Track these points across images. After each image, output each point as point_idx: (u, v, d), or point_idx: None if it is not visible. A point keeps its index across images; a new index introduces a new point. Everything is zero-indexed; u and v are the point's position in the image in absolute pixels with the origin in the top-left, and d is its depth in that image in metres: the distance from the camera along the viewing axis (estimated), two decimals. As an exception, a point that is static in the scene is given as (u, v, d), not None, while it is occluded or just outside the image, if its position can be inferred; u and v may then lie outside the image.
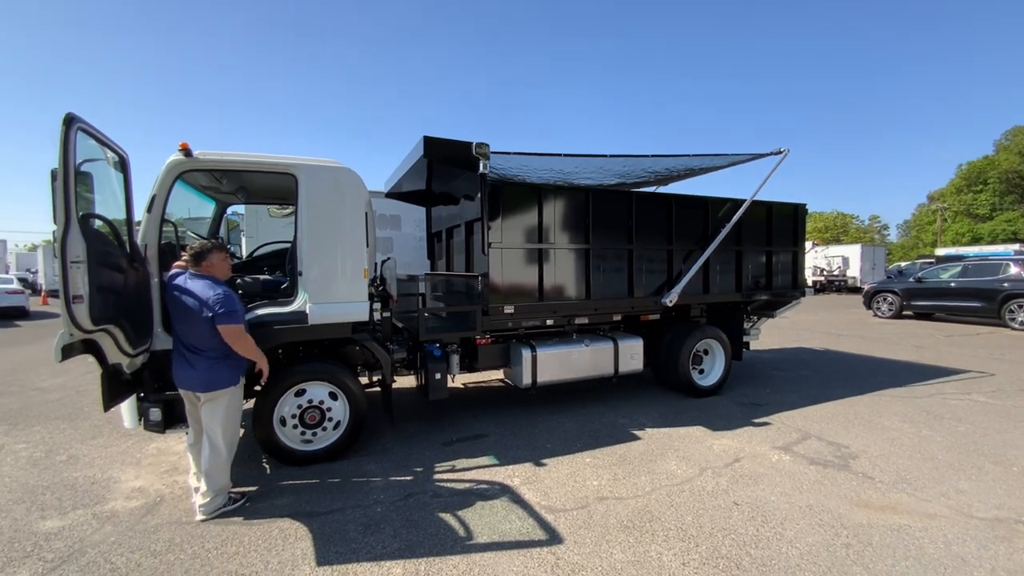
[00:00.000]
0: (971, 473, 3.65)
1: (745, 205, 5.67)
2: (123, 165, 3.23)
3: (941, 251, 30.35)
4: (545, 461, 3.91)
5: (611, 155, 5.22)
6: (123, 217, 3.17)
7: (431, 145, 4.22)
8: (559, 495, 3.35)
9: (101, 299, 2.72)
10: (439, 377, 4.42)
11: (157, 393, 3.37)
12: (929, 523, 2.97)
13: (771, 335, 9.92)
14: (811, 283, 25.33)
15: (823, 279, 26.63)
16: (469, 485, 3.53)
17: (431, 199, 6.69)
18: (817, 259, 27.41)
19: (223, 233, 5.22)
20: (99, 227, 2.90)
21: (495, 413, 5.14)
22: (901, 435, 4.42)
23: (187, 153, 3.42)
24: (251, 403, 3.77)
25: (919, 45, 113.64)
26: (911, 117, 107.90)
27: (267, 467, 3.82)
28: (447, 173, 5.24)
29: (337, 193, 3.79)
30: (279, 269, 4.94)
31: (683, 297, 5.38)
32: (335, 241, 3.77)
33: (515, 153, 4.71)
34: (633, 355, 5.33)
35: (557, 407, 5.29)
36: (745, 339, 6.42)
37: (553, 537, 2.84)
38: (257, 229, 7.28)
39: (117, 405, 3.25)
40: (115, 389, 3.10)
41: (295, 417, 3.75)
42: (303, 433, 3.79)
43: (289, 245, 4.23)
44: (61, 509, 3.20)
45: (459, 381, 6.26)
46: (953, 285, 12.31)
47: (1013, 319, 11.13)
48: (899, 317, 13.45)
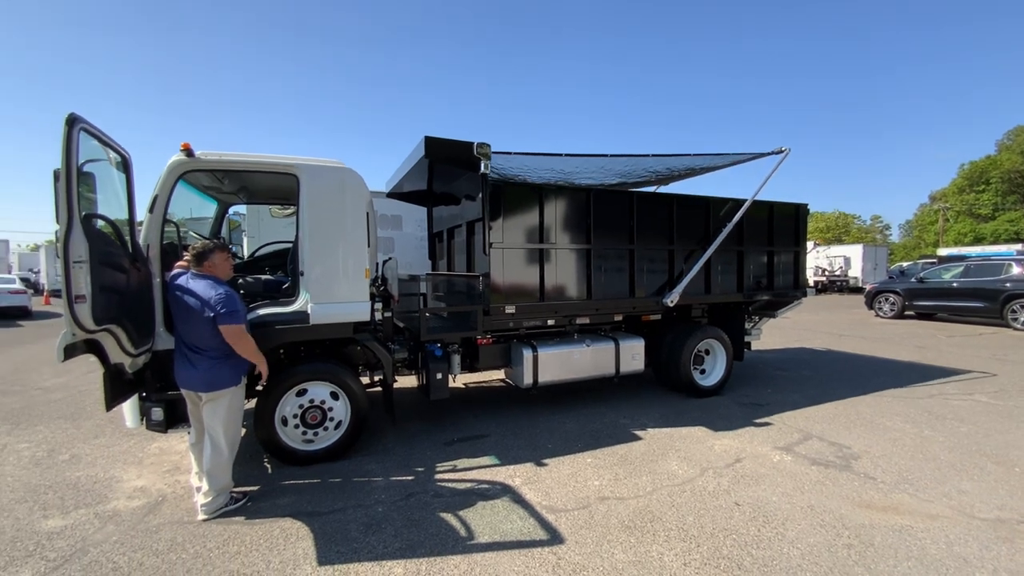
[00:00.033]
0: (973, 474, 3.64)
1: (746, 205, 5.66)
2: (125, 165, 3.24)
3: (943, 251, 30.28)
4: (546, 461, 3.91)
5: (612, 155, 5.23)
6: (125, 217, 3.18)
7: (432, 145, 4.22)
8: (560, 495, 3.35)
9: (103, 299, 2.73)
10: (440, 377, 4.43)
11: (159, 393, 3.39)
12: (931, 524, 2.96)
13: (772, 335, 9.91)
14: (812, 283, 25.29)
15: (825, 279, 26.58)
16: (470, 485, 3.53)
17: (432, 199, 6.69)
18: (819, 259, 27.37)
19: (225, 233, 5.23)
20: (101, 227, 2.91)
21: (496, 413, 5.14)
22: (903, 435, 4.42)
23: (189, 153, 3.43)
24: (252, 403, 3.77)
25: (919, 45, 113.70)
26: (911, 117, 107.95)
27: (269, 467, 3.83)
28: (448, 173, 5.24)
29: (339, 193, 3.79)
30: (281, 269, 4.96)
31: (684, 297, 5.38)
32: (337, 241, 3.77)
33: (516, 153, 4.72)
34: (634, 355, 5.33)
35: (558, 407, 5.29)
36: (746, 339, 6.40)
37: (554, 537, 2.84)
38: (259, 229, 7.30)
39: (119, 405, 3.25)
40: (117, 389, 3.10)
41: (296, 417, 3.76)
42: (304, 433, 3.80)
43: (291, 245, 4.24)
44: (63, 508, 3.20)
45: (460, 381, 6.26)
46: (955, 285, 12.28)
47: (1015, 319, 11.10)
48: (901, 317, 13.42)
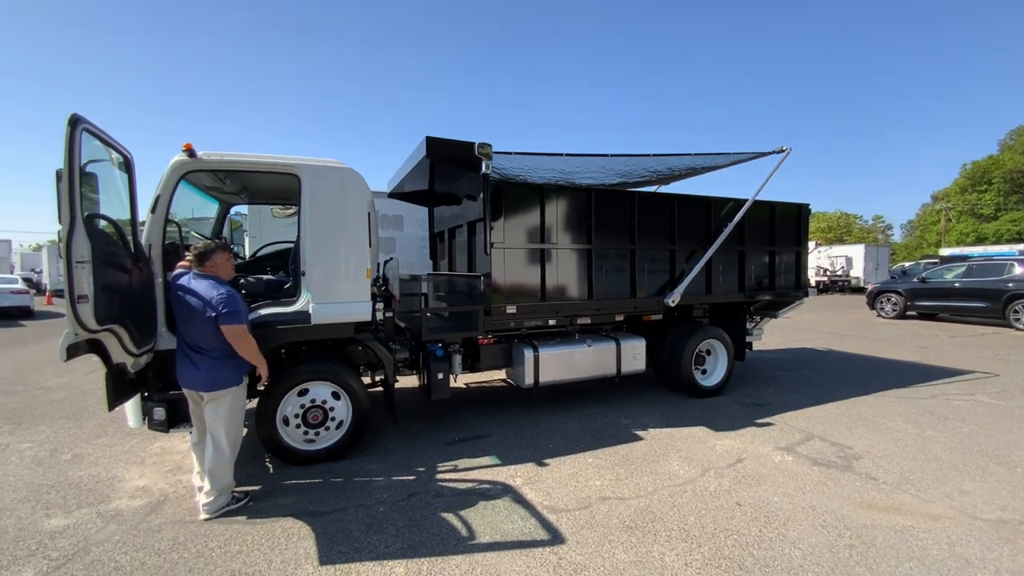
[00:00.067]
0: (975, 474, 3.64)
1: (747, 204, 5.65)
2: (127, 166, 3.25)
3: (945, 251, 30.21)
4: (547, 461, 3.91)
5: (613, 155, 5.22)
6: (127, 217, 3.19)
7: (433, 145, 4.22)
8: (561, 495, 3.35)
9: (106, 299, 2.73)
10: (441, 377, 4.43)
11: (161, 392, 3.39)
12: (933, 524, 2.96)
13: (774, 335, 9.89)
14: (814, 283, 25.24)
15: (826, 279, 26.52)
16: (471, 485, 3.53)
17: (434, 199, 6.69)
18: (820, 259, 27.31)
19: (226, 233, 5.25)
20: (104, 227, 2.92)
21: (497, 413, 5.14)
22: (905, 436, 4.41)
23: (191, 154, 3.44)
24: (254, 403, 3.78)
25: (919, 45, 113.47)
26: (911, 117, 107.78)
27: (270, 466, 3.83)
28: (449, 173, 5.24)
29: (340, 193, 3.80)
30: (282, 269, 4.97)
31: (686, 297, 5.37)
32: (338, 241, 3.78)
33: (517, 153, 4.71)
34: (635, 355, 5.33)
35: (559, 407, 5.29)
36: (748, 339, 6.39)
37: (555, 537, 2.84)
38: (260, 229, 7.31)
39: (121, 404, 3.26)
40: (119, 388, 3.11)
41: (298, 417, 3.77)
42: (306, 433, 3.80)
43: (292, 245, 4.25)
44: (66, 508, 3.21)
45: (461, 381, 6.26)
46: (957, 285, 12.25)
47: (1018, 319, 11.07)
48: (903, 317, 13.39)
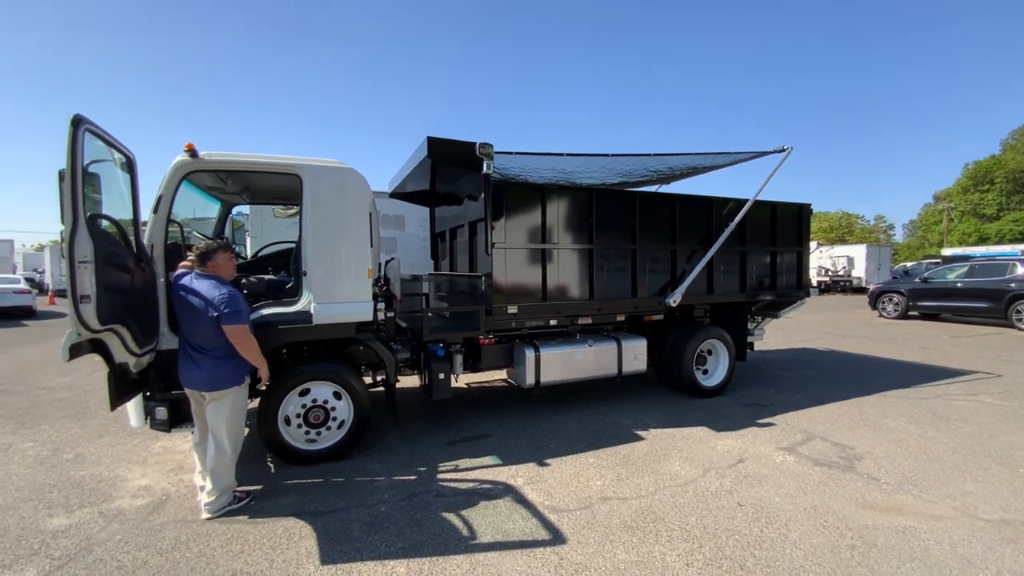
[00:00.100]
0: (977, 475, 3.63)
1: (748, 204, 5.65)
2: (130, 166, 3.26)
3: (947, 251, 30.08)
4: (548, 461, 3.91)
5: (614, 154, 5.22)
6: (130, 217, 3.19)
7: (434, 145, 4.22)
8: (562, 495, 3.35)
9: (108, 299, 2.74)
10: (443, 377, 4.43)
11: (163, 392, 3.40)
12: (935, 525, 2.95)
13: (775, 335, 9.88)
14: (816, 283, 25.20)
15: (828, 279, 26.47)
16: (472, 485, 3.53)
17: (435, 199, 6.70)
18: (822, 259, 27.25)
19: (228, 233, 5.26)
20: (106, 227, 2.92)
21: (498, 413, 5.15)
22: (907, 436, 4.40)
23: (193, 154, 3.45)
24: (256, 402, 3.79)
25: (919, 45, 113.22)
26: (911, 117, 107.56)
27: (272, 466, 3.84)
28: (451, 173, 5.24)
29: (341, 193, 3.80)
30: (284, 269, 4.98)
31: (687, 297, 5.37)
32: (339, 241, 3.78)
33: (518, 153, 4.71)
34: (637, 355, 5.33)
35: (560, 407, 5.29)
36: (749, 339, 6.39)
37: (556, 537, 2.84)
38: (262, 229, 7.33)
39: (123, 404, 3.26)
40: (122, 388, 3.12)
41: (299, 416, 3.77)
42: (307, 432, 3.81)
43: (294, 245, 4.25)
44: (68, 507, 3.22)
45: (462, 381, 6.26)
46: (959, 285, 12.23)
47: (1020, 320, 11.04)
48: (905, 318, 13.36)
